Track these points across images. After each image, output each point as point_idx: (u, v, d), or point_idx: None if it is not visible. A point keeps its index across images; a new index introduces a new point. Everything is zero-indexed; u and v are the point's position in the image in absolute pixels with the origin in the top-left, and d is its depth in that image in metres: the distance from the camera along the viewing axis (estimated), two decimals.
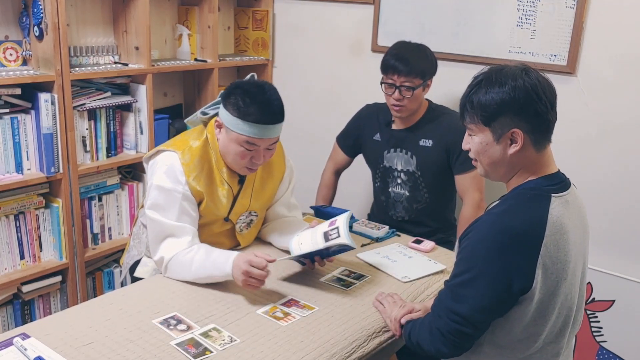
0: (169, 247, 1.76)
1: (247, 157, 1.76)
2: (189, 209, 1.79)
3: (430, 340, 1.43)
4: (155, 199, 1.78)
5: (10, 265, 2.34)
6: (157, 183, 1.78)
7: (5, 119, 2.21)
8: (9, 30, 2.32)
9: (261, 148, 1.75)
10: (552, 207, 1.33)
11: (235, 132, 1.72)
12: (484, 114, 1.35)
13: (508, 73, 1.34)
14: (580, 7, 2.26)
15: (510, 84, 1.32)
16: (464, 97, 1.40)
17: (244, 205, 1.91)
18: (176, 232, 1.77)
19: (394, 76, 2.18)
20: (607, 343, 2.41)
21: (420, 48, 2.24)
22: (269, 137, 1.74)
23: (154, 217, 1.78)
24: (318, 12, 3.03)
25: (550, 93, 1.35)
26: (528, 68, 1.36)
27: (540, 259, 1.30)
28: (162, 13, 2.87)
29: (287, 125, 1.63)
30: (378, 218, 2.44)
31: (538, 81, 1.33)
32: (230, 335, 1.50)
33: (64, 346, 1.42)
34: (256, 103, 1.70)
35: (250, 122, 1.69)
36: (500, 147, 1.37)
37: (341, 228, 1.71)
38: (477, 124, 1.37)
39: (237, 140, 1.73)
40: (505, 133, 1.34)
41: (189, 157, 1.78)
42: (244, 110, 1.69)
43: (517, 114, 1.32)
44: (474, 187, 2.24)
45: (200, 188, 1.79)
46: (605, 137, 2.31)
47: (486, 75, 1.37)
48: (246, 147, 1.73)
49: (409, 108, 2.23)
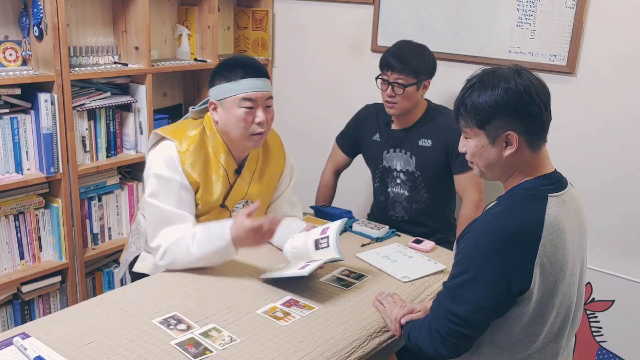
0: (168, 234, 1.79)
1: (249, 120, 1.80)
2: (187, 198, 1.83)
3: (430, 341, 1.43)
4: (155, 187, 1.82)
5: (10, 266, 2.34)
6: (156, 171, 1.82)
7: (5, 119, 2.21)
8: (8, 30, 2.32)
9: (259, 104, 1.81)
10: (549, 207, 1.33)
11: (229, 96, 1.80)
12: (478, 117, 1.35)
13: (500, 75, 1.34)
14: (580, 7, 2.26)
15: (503, 86, 1.32)
16: (458, 100, 1.40)
17: (241, 192, 1.94)
18: (175, 219, 1.80)
19: (388, 72, 2.20)
20: (606, 343, 2.41)
21: (419, 48, 2.24)
22: (261, 91, 1.81)
23: (154, 203, 1.81)
24: (318, 12, 3.03)
25: (544, 93, 1.35)
26: (520, 69, 1.35)
27: (537, 259, 1.30)
28: (161, 13, 2.87)
29: (287, 125, 1.63)
30: (378, 218, 2.44)
31: (531, 82, 1.33)
32: (230, 335, 1.50)
33: (64, 346, 1.41)
34: (238, 64, 1.82)
35: (239, 79, 1.79)
36: (495, 150, 1.37)
37: (331, 238, 1.73)
38: (471, 127, 1.38)
39: (234, 103, 1.79)
40: (500, 136, 1.34)
41: (186, 145, 1.83)
42: (229, 74, 1.80)
43: (511, 116, 1.32)
44: (473, 187, 2.24)
45: (195, 175, 1.83)
46: (605, 137, 2.31)
47: (479, 78, 1.37)
48: (245, 107, 1.79)
49: (402, 106, 2.23)
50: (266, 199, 2.04)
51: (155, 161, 1.83)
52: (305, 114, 3.17)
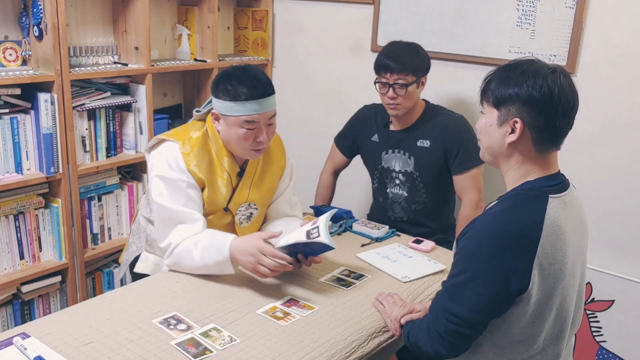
0: (179, 233, 1.78)
1: (250, 138, 1.78)
2: (195, 197, 1.82)
3: (429, 341, 1.43)
4: (161, 188, 1.80)
5: (10, 266, 2.34)
6: (160, 173, 1.80)
7: (4, 119, 2.21)
8: (8, 30, 2.32)
9: (261, 124, 1.78)
10: (550, 208, 1.33)
11: (232, 115, 1.76)
12: (497, 95, 1.37)
13: (536, 67, 1.35)
14: (580, 7, 2.26)
15: (532, 78, 1.33)
16: (490, 74, 1.42)
17: (243, 196, 1.93)
18: (186, 218, 1.79)
19: (386, 74, 2.19)
20: (606, 343, 2.41)
21: (412, 46, 2.25)
22: (265, 112, 1.77)
23: (162, 203, 1.79)
24: (318, 12, 3.03)
25: (567, 101, 1.34)
26: (558, 69, 1.35)
27: (536, 260, 1.30)
28: (161, 13, 2.87)
29: (287, 125, 1.63)
30: (377, 218, 2.44)
31: (561, 85, 1.32)
32: (230, 335, 1.50)
33: (64, 346, 1.42)
34: (244, 82, 1.74)
35: (244, 100, 1.73)
36: (500, 133, 1.38)
37: (321, 227, 1.72)
38: (489, 103, 1.40)
39: (236, 123, 1.76)
40: (508, 120, 1.36)
41: (189, 147, 1.81)
42: (234, 92, 1.74)
43: (525, 106, 1.33)
44: (472, 187, 2.24)
45: (201, 175, 1.82)
46: (605, 137, 2.31)
47: (517, 62, 1.38)
48: (247, 127, 1.76)
49: (404, 106, 2.23)
50: (267, 201, 2.04)
51: (158, 162, 1.82)
52: (305, 114, 3.17)
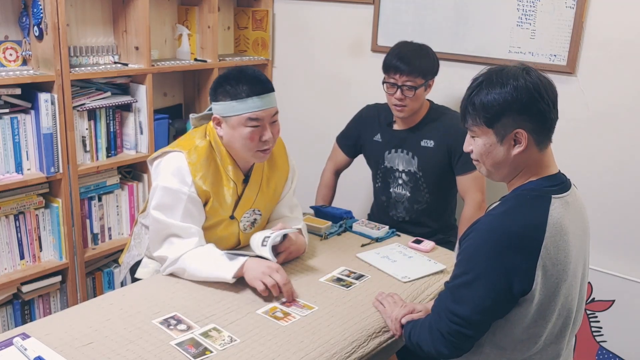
0: (174, 246, 1.77)
1: (255, 138, 1.76)
2: (194, 211, 1.79)
3: (431, 341, 1.43)
4: (161, 199, 1.78)
5: (10, 265, 2.34)
6: (164, 184, 1.78)
7: (5, 119, 2.21)
8: (8, 30, 2.32)
9: (265, 122, 1.77)
10: (552, 209, 1.33)
11: (235, 115, 1.74)
12: (486, 115, 1.34)
13: (509, 73, 1.34)
14: (580, 7, 2.26)
15: (512, 84, 1.31)
16: (465, 99, 1.39)
17: (249, 202, 1.91)
18: (180, 232, 1.77)
19: (395, 75, 2.18)
20: (607, 343, 2.41)
21: (422, 48, 2.24)
22: (267, 108, 1.76)
23: (158, 217, 1.78)
24: (318, 12, 3.03)
25: (552, 92, 1.35)
26: (528, 68, 1.35)
27: (540, 261, 1.30)
28: (161, 13, 2.87)
29: (287, 124, 1.63)
30: (378, 218, 2.44)
31: (539, 80, 1.33)
32: (230, 335, 1.50)
33: (64, 346, 1.42)
34: (243, 80, 1.74)
35: (245, 97, 1.73)
36: (504, 148, 1.36)
37: (269, 240, 1.77)
38: (479, 126, 1.37)
39: (240, 122, 1.74)
40: (508, 134, 1.34)
41: (196, 157, 1.79)
42: (234, 91, 1.73)
43: (520, 114, 1.32)
44: (475, 187, 2.24)
45: (206, 187, 1.79)
46: (605, 137, 2.31)
47: (486, 76, 1.36)
48: (251, 126, 1.75)
49: (411, 108, 2.23)
50: (272, 206, 2.04)
51: (163, 172, 1.79)
52: (306, 114, 3.17)
